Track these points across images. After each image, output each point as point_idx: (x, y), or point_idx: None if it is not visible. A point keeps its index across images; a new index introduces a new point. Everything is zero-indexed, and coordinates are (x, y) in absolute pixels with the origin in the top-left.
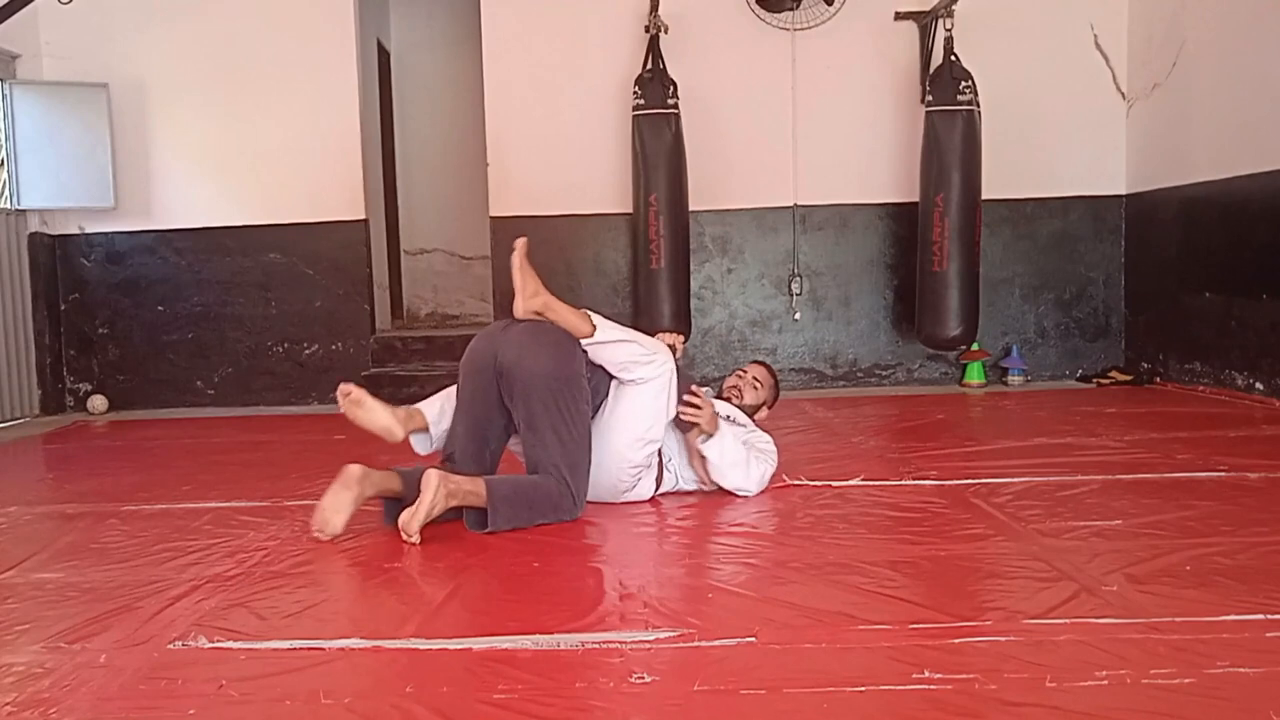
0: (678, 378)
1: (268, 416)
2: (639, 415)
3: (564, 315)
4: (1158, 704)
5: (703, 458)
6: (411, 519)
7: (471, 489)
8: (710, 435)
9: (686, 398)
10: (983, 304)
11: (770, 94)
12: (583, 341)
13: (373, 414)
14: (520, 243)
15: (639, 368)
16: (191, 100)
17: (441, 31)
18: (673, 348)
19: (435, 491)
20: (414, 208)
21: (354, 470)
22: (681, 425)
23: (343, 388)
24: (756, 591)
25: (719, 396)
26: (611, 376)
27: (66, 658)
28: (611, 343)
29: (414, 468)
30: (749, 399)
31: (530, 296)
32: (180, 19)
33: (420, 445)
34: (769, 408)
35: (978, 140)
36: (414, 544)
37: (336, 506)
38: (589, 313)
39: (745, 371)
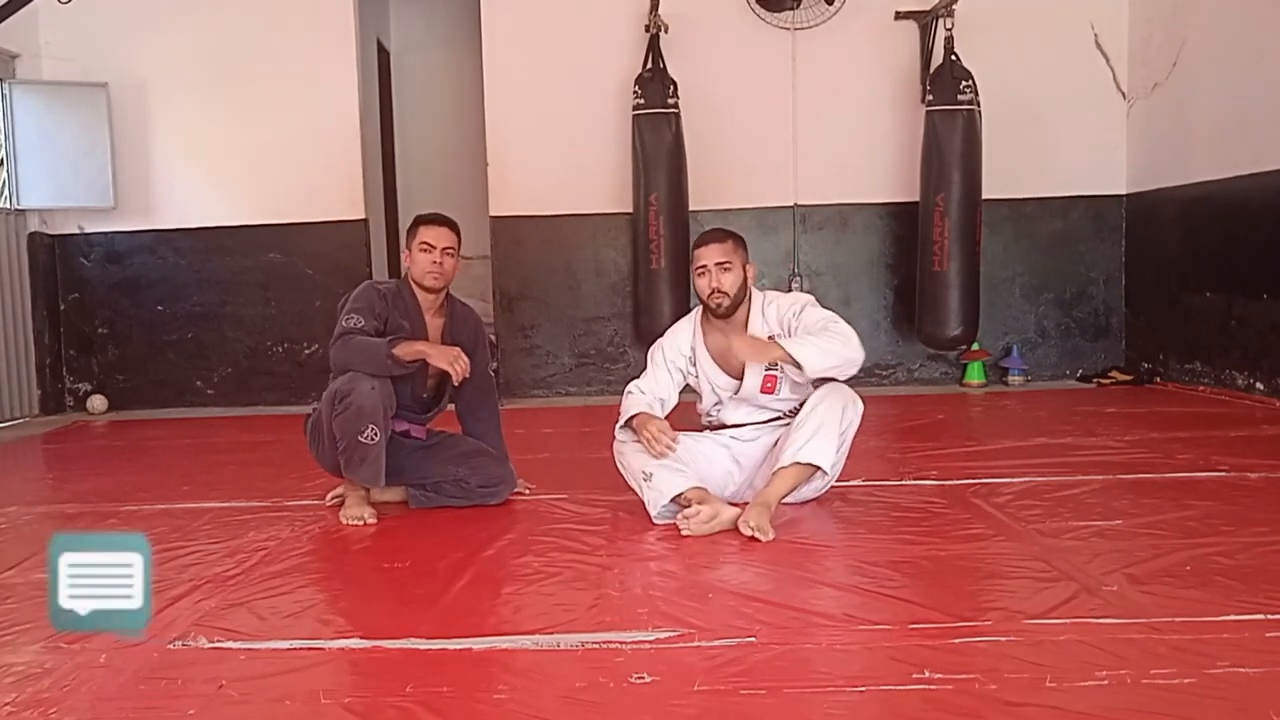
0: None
1: (268, 416)
2: None
3: None
4: (1158, 704)
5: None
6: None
7: None
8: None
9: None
10: (983, 304)
11: (770, 94)
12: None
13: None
14: None
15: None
16: (191, 100)
17: (441, 31)
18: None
19: None
20: (414, 208)
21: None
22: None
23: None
24: (756, 591)
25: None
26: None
27: (66, 658)
28: None
29: None
30: (728, 285)
31: None
32: (180, 19)
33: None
34: (751, 265)
35: (978, 140)
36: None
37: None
38: None
39: (705, 266)
